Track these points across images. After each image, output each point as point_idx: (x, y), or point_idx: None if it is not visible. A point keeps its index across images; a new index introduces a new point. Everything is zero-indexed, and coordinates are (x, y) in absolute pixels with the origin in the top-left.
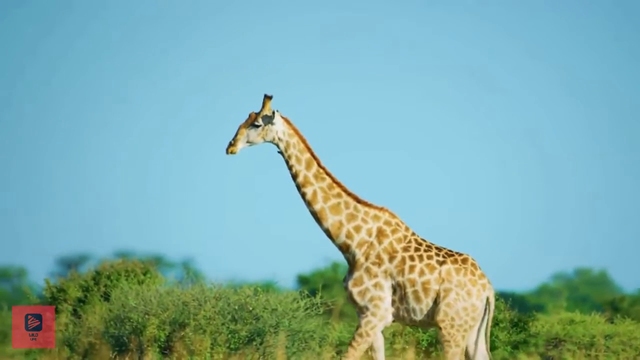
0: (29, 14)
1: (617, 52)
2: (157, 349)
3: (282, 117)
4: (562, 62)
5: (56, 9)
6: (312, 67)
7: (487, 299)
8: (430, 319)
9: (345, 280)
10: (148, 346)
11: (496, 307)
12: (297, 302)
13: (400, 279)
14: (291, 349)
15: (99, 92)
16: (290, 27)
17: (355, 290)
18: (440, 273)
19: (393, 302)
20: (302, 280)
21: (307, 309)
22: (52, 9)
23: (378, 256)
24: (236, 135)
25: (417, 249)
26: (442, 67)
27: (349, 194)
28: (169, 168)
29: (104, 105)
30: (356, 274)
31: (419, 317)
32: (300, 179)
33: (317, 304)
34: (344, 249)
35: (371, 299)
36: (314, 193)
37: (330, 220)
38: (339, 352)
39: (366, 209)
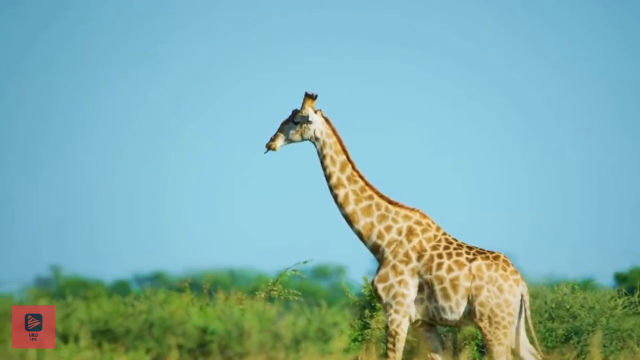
0: (27, 10)
1: (624, 45)
2: (475, 347)
3: (323, 117)
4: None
5: (54, 4)
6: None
7: (521, 296)
8: (462, 317)
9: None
10: (465, 344)
11: None
12: (615, 300)
13: (428, 276)
14: (609, 348)
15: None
16: (304, 24)
17: (380, 286)
18: (470, 269)
19: (422, 300)
20: (620, 278)
21: (625, 307)
22: (50, 4)
23: (406, 254)
24: (277, 131)
25: (446, 247)
26: (446, 65)
27: (381, 196)
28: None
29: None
30: (382, 271)
31: (449, 315)
32: (333, 181)
33: (635, 302)
34: (375, 250)
35: (394, 296)
36: (346, 195)
37: (362, 222)
38: None
39: (397, 209)
